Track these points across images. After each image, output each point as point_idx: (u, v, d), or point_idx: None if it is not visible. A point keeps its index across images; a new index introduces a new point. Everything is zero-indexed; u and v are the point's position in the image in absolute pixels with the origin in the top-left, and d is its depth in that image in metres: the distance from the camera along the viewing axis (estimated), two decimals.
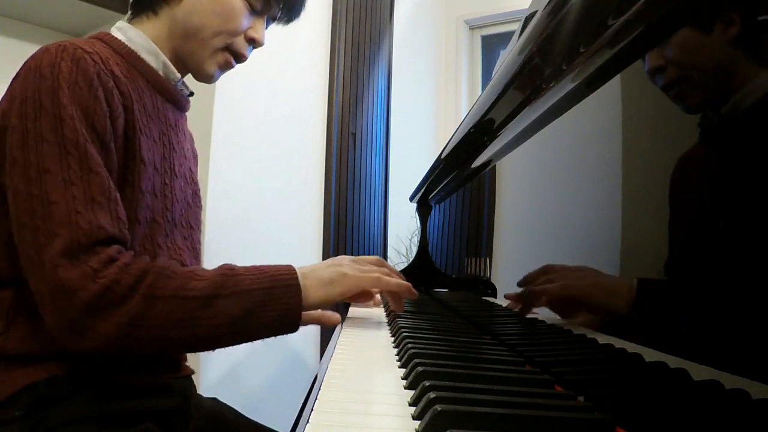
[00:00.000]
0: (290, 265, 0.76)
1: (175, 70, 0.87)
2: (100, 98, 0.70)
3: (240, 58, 0.89)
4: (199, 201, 0.97)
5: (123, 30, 0.84)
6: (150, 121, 0.81)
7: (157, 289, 0.66)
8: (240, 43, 0.88)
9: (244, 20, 0.86)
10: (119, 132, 0.73)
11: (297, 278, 0.73)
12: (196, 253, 0.94)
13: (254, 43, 0.90)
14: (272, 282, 0.71)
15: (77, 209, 0.65)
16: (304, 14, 0.96)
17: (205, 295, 0.68)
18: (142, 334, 0.65)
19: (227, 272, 0.71)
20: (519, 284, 0.72)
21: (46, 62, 0.68)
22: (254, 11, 0.88)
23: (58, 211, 0.64)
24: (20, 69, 0.71)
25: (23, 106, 0.67)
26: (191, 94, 0.96)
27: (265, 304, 0.70)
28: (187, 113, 0.97)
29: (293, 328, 0.74)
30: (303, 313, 0.75)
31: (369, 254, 2.30)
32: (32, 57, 0.70)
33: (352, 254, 2.17)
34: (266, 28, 0.93)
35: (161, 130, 0.84)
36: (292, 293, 0.72)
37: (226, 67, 0.89)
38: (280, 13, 0.92)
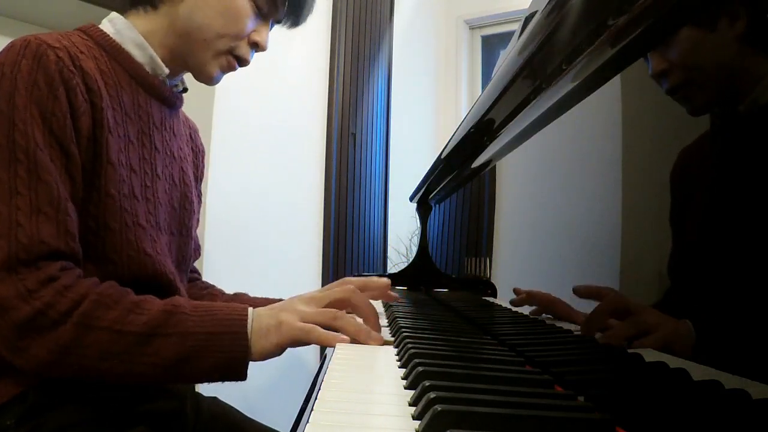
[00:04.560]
0: (246, 308, 0.70)
1: (163, 65, 0.83)
2: (61, 97, 0.67)
3: (243, 62, 0.86)
4: (190, 204, 0.92)
5: (113, 22, 0.81)
6: (126, 120, 0.77)
7: (92, 318, 0.63)
8: (243, 46, 0.85)
9: (249, 23, 0.83)
10: (84, 132, 0.69)
11: (246, 325, 0.68)
12: (184, 262, 0.90)
13: (257, 47, 0.87)
14: (216, 327, 0.67)
15: (19, 221, 0.62)
16: (310, 18, 0.93)
17: (142, 332, 0.64)
18: (75, 362, 0.62)
19: (171, 309, 0.67)
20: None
21: (9, 60, 0.66)
22: (260, 14, 0.85)
23: (0, 222, 0.62)
24: None
25: None
26: (184, 90, 0.93)
27: (206, 350, 0.65)
28: (181, 110, 0.94)
29: (240, 377, 0.68)
30: None
31: (369, 254, 2.29)
32: None
33: (352, 255, 2.16)
34: (269, 30, 0.90)
35: (141, 128, 0.80)
36: (236, 342, 0.66)
37: (228, 69, 0.86)
38: (285, 17, 0.89)
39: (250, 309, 0.70)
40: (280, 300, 0.93)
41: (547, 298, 0.66)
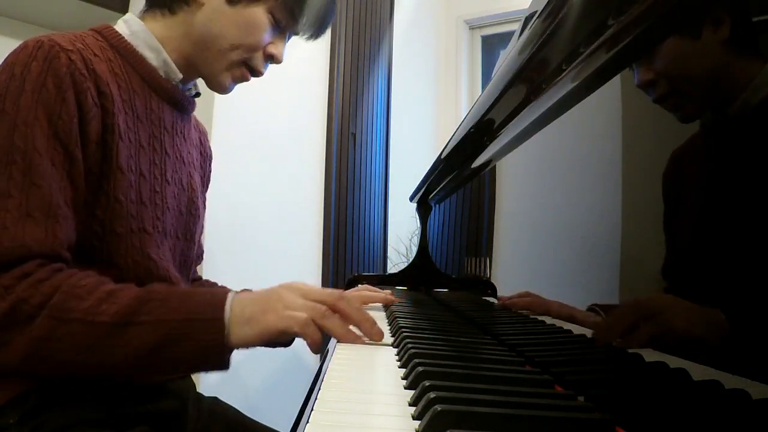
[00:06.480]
0: (225, 292, 0.67)
1: (177, 70, 0.83)
2: (69, 100, 0.66)
3: (256, 73, 0.86)
4: (195, 210, 0.91)
5: (128, 23, 0.80)
6: (138, 124, 0.76)
7: (63, 310, 0.61)
8: (258, 58, 0.84)
9: (266, 35, 0.82)
10: (92, 137, 0.69)
11: (222, 311, 0.64)
12: (186, 266, 0.90)
13: (272, 59, 0.86)
14: (191, 314, 0.64)
15: (5, 224, 0.61)
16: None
17: (114, 322, 0.62)
18: (51, 355, 0.61)
19: (145, 297, 0.64)
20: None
21: (20, 61, 0.66)
22: (278, 27, 0.84)
23: None
24: (2, 63, 0.68)
25: None
26: (197, 95, 0.93)
27: (181, 338, 0.63)
28: (193, 114, 0.93)
29: (221, 366, 0.66)
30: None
31: (369, 254, 2.29)
32: (12, 52, 0.68)
33: (352, 255, 2.16)
34: (286, 43, 0.88)
35: (152, 133, 0.79)
36: (212, 328, 0.63)
37: (241, 80, 0.86)
38: (303, 30, 0.88)
39: (230, 294, 0.67)
40: None
41: (528, 302, 0.67)
